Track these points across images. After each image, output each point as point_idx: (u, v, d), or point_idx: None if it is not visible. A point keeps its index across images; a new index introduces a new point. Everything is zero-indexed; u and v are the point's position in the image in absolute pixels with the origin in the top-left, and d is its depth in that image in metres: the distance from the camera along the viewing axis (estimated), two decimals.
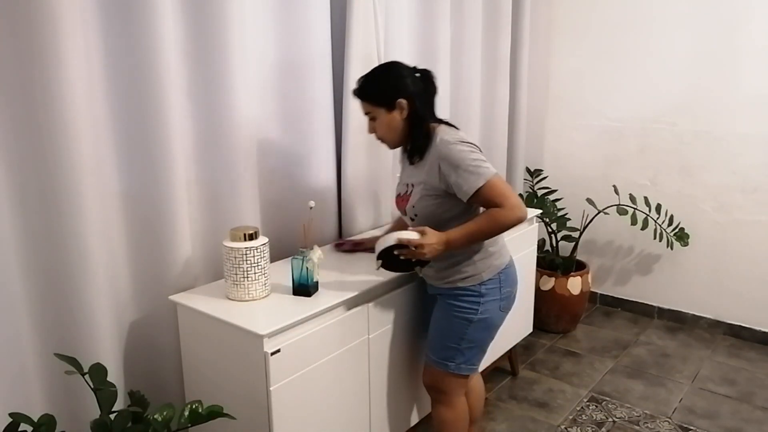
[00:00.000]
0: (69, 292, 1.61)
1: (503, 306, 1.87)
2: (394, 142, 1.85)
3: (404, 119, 1.79)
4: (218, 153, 1.96)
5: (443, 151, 1.72)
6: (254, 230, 1.75)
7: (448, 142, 1.72)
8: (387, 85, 1.78)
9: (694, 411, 2.61)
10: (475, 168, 1.68)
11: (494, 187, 1.67)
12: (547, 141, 3.72)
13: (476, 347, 1.88)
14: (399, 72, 1.80)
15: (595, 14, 3.41)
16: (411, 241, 1.66)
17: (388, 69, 1.83)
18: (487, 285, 1.83)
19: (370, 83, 1.81)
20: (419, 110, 1.78)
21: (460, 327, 1.84)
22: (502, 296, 1.86)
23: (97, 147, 1.64)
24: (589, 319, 3.54)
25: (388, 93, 1.77)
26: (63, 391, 1.65)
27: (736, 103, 3.07)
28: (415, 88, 1.78)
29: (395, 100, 1.77)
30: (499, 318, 1.88)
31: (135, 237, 1.80)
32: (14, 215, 1.51)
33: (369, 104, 1.81)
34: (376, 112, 1.80)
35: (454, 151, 1.70)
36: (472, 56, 3.03)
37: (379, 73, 1.82)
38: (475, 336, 1.85)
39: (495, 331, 1.91)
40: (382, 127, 1.81)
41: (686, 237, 3.19)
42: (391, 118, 1.79)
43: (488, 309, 1.83)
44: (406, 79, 1.78)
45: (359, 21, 2.28)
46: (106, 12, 1.63)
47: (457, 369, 1.87)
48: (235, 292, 1.75)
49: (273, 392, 1.59)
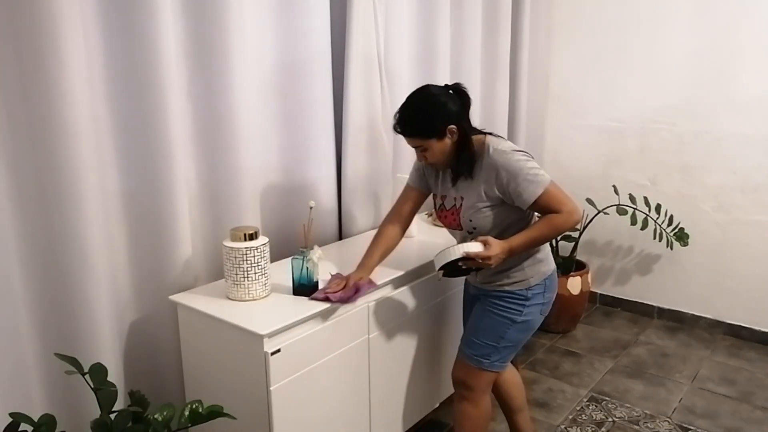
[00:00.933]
0: (69, 292, 1.61)
1: (543, 310, 1.92)
2: (445, 164, 1.84)
3: (454, 143, 1.78)
4: (218, 153, 1.96)
5: (501, 161, 1.74)
6: (254, 230, 1.76)
7: (504, 152, 1.75)
8: (433, 116, 1.75)
9: (693, 411, 2.61)
10: (533, 177, 1.72)
11: (552, 195, 1.73)
12: (547, 141, 3.72)
13: (512, 347, 1.91)
14: (438, 99, 1.76)
15: (595, 14, 3.40)
16: (479, 254, 1.69)
17: (427, 99, 1.78)
18: (534, 290, 1.87)
19: (414, 119, 1.77)
20: (467, 131, 1.78)
21: (502, 326, 1.87)
22: (544, 301, 1.90)
23: (97, 147, 1.64)
24: (589, 319, 3.54)
25: (437, 125, 1.74)
26: (63, 391, 1.65)
27: (736, 103, 3.07)
28: (456, 108, 1.77)
29: (446, 129, 1.75)
30: (538, 321, 1.93)
31: (135, 237, 1.80)
32: (14, 215, 1.51)
33: (417, 139, 1.77)
34: (427, 144, 1.77)
35: (512, 161, 1.73)
36: (472, 56, 3.03)
37: (420, 106, 1.77)
38: (515, 336, 1.88)
39: (532, 332, 1.94)
40: (434, 155, 1.79)
41: (686, 237, 3.19)
42: (443, 145, 1.77)
43: (531, 312, 1.87)
44: (448, 104, 1.76)
45: (359, 21, 2.28)
46: (107, 12, 1.63)
47: (491, 366, 1.90)
48: (235, 292, 1.75)
49: (273, 392, 1.60)
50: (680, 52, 3.18)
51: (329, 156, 2.33)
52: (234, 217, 2.00)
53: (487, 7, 3.10)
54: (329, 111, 2.29)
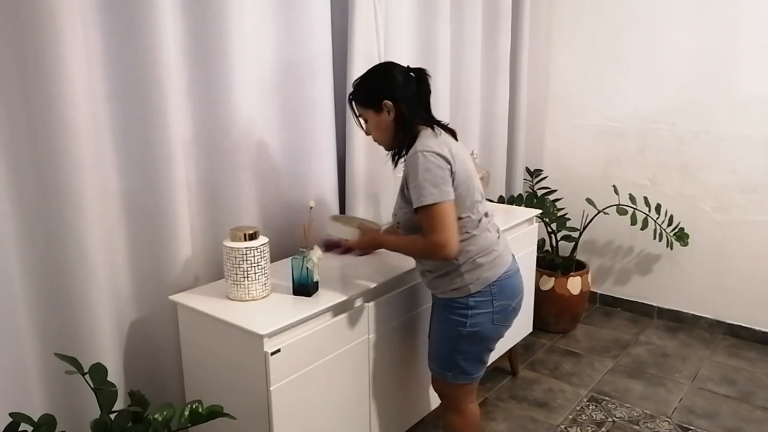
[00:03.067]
0: (69, 292, 1.61)
1: (497, 319, 1.79)
2: (387, 143, 1.83)
3: (392, 121, 1.76)
4: (218, 153, 1.96)
5: (410, 158, 1.70)
6: (254, 230, 1.76)
7: (417, 152, 1.67)
8: (374, 86, 1.77)
9: (693, 411, 2.61)
10: (425, 185, 1.63)
11: (431, 216, 1.64)
12: (547, 141, 3.72)
13: (471, 359, 1.82)
14: (388, 73, 1.77)
15: (595, 14, 3.40)
16: (347, 243, 1.92)
17: (378, 71, 1.81)
18: (476, 297, 1.76)
19: (359, 86, 1.80)
20: (405, 112, 1.74)
21: (451, 338, 1.80)
22: (495, 309, 1.78)
23: (97, 147, 1.64)
24: (589, 319, 3.54)
25: (374, 95, 1.75)
26: (63, 391, 1.65)
27: (736, 103, 3.07)
28: (405, 88, 1.75)
29: (381, 102, 1.74)
30: (492, 331, 1.81)
31: (135, 237, 1.80)
32: (14, 215, 1.51)
33: (359, 106, 1.81)
34: (366, 114, 1.79)
35: (419, 162, 1.65)
36: (472, 56, 3.03)
37: (369, 75, 1.81)
38: (467, 348, 1.80)
39: (490, 343, 1.84)
40: (372, 129, 1.81)
41: (686, 237, 3.19)
42: (379, 120, 1.77)
43: (478, 322, 1.77)
44: (396, 79, 1.75)
45: (361, 21, 2.28)
46: (107, 12, 1.63)
47: (455, 379, 1.84)
48: (235, 292, 1.75)
49: (273, 392, 1.59)
50: (680, 52, 3.18)
51: (330, 156, 2.33)
52: (234, 217, 2.00)
53: (487, 7, 3.11)
54: (330, 110, 2.29)
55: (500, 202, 3.29)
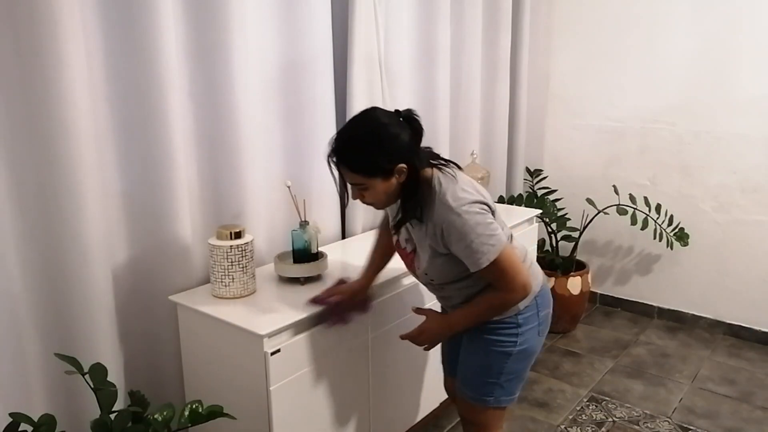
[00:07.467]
0: (69, 292, 1.61)
1: (541, 330, 1.71)
2: (386, 205, 1.59)
3: (401, 182, 1.50)
4: (219, 153, 1.96)
5: (447, 218, 1.48)
6: (240, 228, 1.78)
7: (451, 209, 1.47)
8: (381, 152, 1.45)
9: (693, 411, 2.61)
10: (480, 245, 1.46)
11: (500, 267, 1.49)
12: (547, 141, 3.72)
13: (516, 378, 1.71)
14: (388, 131, 1.45)
15: (595, 14, 3.40)
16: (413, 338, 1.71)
17: (376, 130, 1.46)
18: (524, 313, 1.65)
19: (358, 152, 1.46)
20: (418, 167, 1.50)
21: (499, 362, 1.67)
22: (540, 321, 1.69)
23: (98, 147, 1.64)
24: (589, 319, 3.54)
25: (384, 163, 1.45)
26: (63, 391, 1.65)
27: (736, 103, 3.07)
28: (408, 141, 1.47)
29: (394, 168, 1.46)
30: (538, 344, 1.72)
31: (135, 236, 1.80)
32: (14, 215, 1.51)
33: (358, 175, 1.48)
34: (370, 182, 1.48)
35: (463, 220, 1.46)
36: (472, 56, 3.03)
37: (366, 137, 1.46)
38: (515, 367, 1.69)
39: (534, 357, 1.74)
40: (376, 196, 1.51)
41: (686, 237, 3.19)
42: (388, 186, 1.49)
43: (527, 339, 1.66)
44: (400, 136, 1.46)
45: (361, 21, 2.28)
46: (107, 11, 1.63)
47: (496, 403, 1.71)
48: (218, 289, 1.77)
49: (273, 392, 1.60)
50: (680, 52, 3.17)
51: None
52: (234, 217, 2.00)
53: (488, 7, 3.10)
54: (331, 110, 2.29)
55: (500, 202, 3.29)
